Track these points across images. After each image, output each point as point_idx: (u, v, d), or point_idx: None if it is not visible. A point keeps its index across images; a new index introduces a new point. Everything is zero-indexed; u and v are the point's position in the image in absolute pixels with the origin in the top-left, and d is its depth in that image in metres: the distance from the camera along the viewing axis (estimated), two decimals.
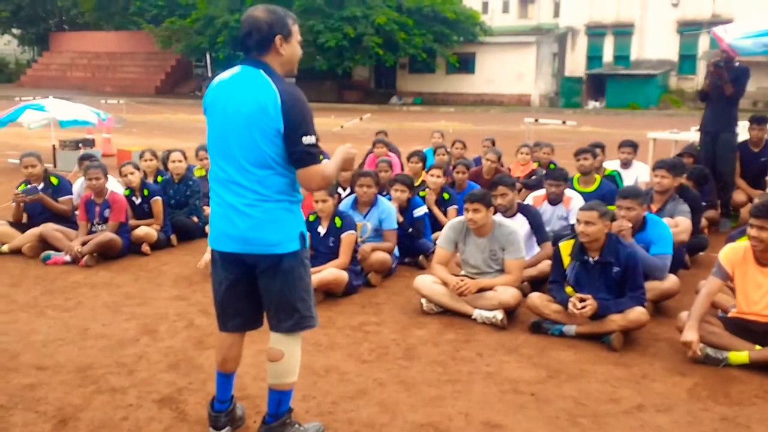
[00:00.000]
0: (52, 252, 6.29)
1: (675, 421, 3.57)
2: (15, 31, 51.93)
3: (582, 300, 4.57)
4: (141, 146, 10.75)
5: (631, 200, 5.16)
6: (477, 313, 4.98)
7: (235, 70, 2.95)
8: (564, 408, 3.70)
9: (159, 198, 6.84)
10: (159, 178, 7.44)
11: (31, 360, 4.15)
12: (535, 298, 4.87)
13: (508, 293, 4.94)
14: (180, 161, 7.29)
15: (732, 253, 4.45)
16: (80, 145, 11.98)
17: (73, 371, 4.00)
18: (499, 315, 4.88)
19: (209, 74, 42.79)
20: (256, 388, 3.79)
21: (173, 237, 6.95)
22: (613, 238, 4.74)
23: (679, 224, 5.91)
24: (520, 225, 5.82)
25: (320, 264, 5.51)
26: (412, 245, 6.52)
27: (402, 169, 9.22)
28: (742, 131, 8.66)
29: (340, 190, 7.20)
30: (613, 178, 7.83)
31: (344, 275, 5.44)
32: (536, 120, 18.47)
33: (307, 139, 2.85)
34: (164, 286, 5.74)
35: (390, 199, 6.50)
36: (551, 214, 6.55)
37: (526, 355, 4.43)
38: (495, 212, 5.73)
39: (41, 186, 6.73)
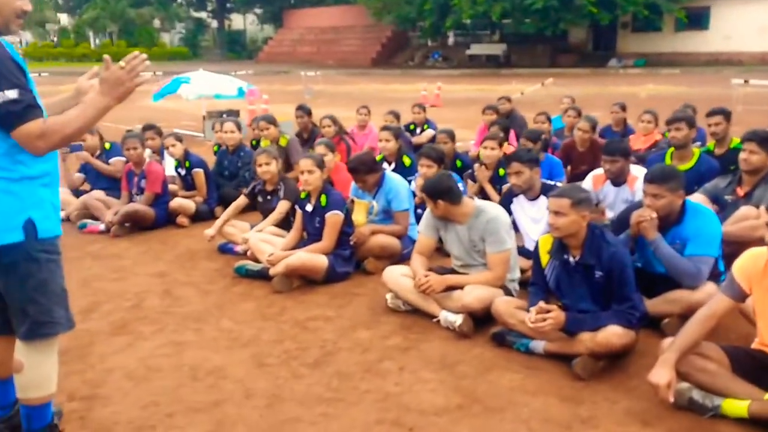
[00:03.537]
0: (89, 221, 6.44)
1: None
2: (257, 10, 56.44)
3: (546, 311, 3.54)
4: (286, 116, 10.60)
5: (657, 185, 3.88)
6: (442, 316, 4.11)
7: None
8: None
9: (200, 170, 6.69)
10: (215, 148, 7.33)
11: None
12: (501, 303, 3.88)
13: (472, 294, 4.00)
14: (233, 132, 7.09)
15: (751, 262, 3.13)
16: (224, 114, 12.41)
17: None
18: (459, 320, 3.98)
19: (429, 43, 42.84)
20: None
21: (218, 209, 6.75)
22: (597, 233, 3.59)
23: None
24: (542, 209, 4.77)
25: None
26: None
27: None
28: None
29: (385, 164, 6.48)
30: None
31: (319, 260, 4.82)
32: (746, 81, 15.73)
33: (2, 96, 2.34)
34: (161, 260, 5.55)
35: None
36: (614, 196, 5.31)
37: (459, 375, 3.53)
38: (510, 195, 4.76)
39: (98, 153, 6.98)
